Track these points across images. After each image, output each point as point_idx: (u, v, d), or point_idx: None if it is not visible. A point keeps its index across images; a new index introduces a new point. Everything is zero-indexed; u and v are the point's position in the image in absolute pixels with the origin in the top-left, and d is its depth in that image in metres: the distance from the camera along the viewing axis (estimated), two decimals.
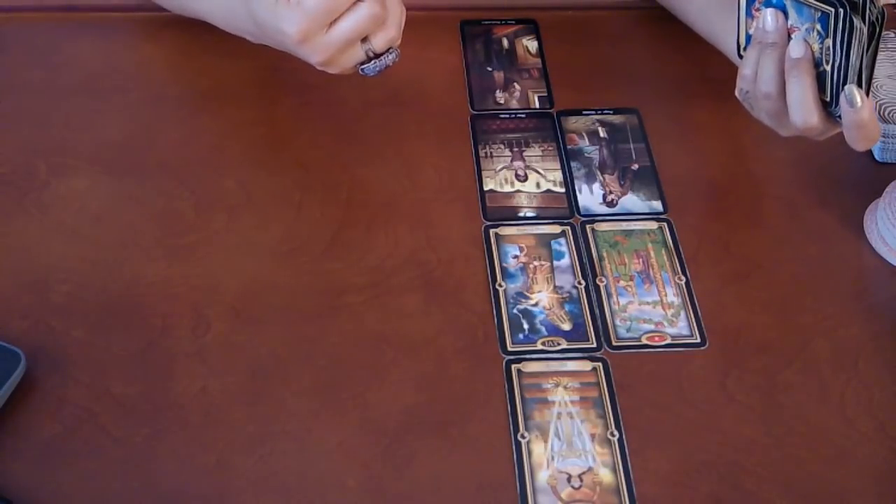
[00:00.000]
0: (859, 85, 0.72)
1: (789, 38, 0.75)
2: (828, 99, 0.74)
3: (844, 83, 0.72)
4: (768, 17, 0.75)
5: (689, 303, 0.78)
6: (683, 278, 0.80)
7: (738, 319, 0.77)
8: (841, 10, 0.70)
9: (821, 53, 0.73)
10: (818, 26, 0.72)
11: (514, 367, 0.74)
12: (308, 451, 0.69)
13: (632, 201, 0.85)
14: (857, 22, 0.70)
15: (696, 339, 0.76)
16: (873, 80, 0.92)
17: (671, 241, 0.82)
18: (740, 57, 0.80)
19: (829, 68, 0.73)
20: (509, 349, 0.75)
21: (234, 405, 0.71)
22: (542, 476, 0.68)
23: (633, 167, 0.88)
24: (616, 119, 0.92)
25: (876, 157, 0.88)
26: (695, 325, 0.77)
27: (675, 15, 0.95)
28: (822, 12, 0.72)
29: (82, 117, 0.90)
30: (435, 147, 0.89)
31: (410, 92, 0.94)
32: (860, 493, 0.68)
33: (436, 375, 0.73)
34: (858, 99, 0.72)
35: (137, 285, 0.78)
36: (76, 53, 0.96)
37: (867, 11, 0.70)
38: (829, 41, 0.72)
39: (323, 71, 0.80)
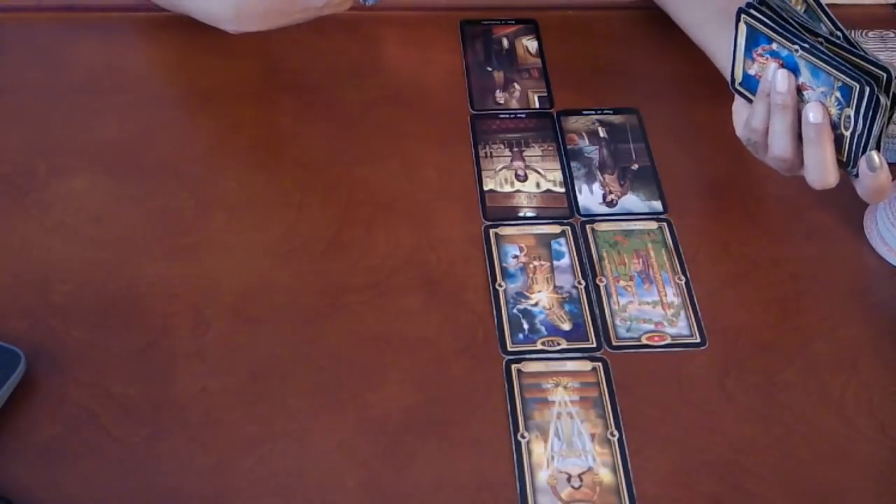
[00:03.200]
0: (875, 146, 0.72)
1: (799, 93, 0.74)
2: (843, 160, 0.74)
3: (864, 150, 0.72)
4: (778, 78, 0.73)
5: (689, 303, 0.78)
6: (683, 278, 0.80)
7: (738, 319, 0.77)
8: (867, 88, 0.69)
9: (838, 118, 0.72)
10: (838, 94, 0.71)
11: (514, 367, 0.74)
12: (308, 451, 0.69)
13: (632, 201, 0.85)
14: (882, 99, 0.69)
15: (696, 339, 0.76)
16: None
17: (671, 241, 0.82)
18: (733, 89, 0.79)
19: (847, 133, 0.72)
20: (509, 349, 0.75)
21: (234, 405, 0.71)
22: (542, 476, 0.68)
23: (633, 167, 0.88)
24: (616, 119, 0.92)
25: None
26: (695, 325, 0.77)
27: (673, 20, 0.95)
28: (844, 84, 0.71)
29: (82, 117, 0.90)
30: (435, 147, 0.89)
31: (410, 92, 0.94)
32: (860, 493, 0.68)
33: (436, 375, 0.73)
34: (878, 163, 0.72)
35: (137, 285, 0.78)
36: (76, 53, 0.96)
37: (892, 86, 0.69)
38: (850, 111, 0.71)
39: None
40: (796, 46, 0.73)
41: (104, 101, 0.91)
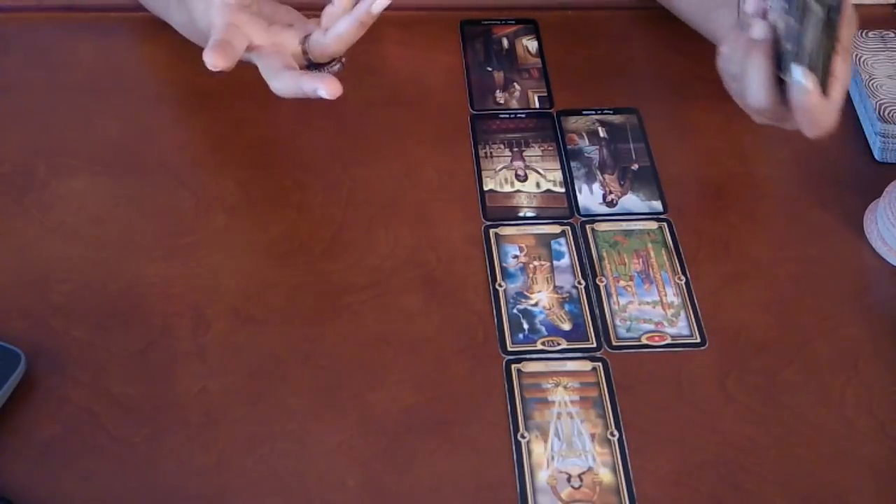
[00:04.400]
0: (819, 74, 0.70)
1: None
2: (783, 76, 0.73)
3: (797, 60, 0.71)
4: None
5: (689, 303, 0.78)
6: (683, 278, 0.80)
7: (738, 319, 0.77)
8: None
9: (786, 31, 0.71)
10: (784, 4, 0.71)
11: (514, 367, 0.74)
12: (308, 451, 0.69)
13: (632, 201, 0.85)
14: (813, 5, 0.68)
15: (696, 339, 0.76)
16: (872, 80, 0.92)
17: (671, 241, 0.82)
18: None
19: (789, 47, 0.71)
20: (509, 349, 0.75)
21: (234, 405, 0.71)
22: (542, 476, 0.68)
23: (633, 167, 0.88)
24: (616, 119, 0.92)
25: (876, 157, 0.88)
26: (695, 325, 0.77)
27: (672, 12, 0.95)
28: None
29: (82, 117, 0.90)
30: (435, 147, 0.89)
31: (410, 92, 0.94)
32: (860, 493, 0.68)
33: (436, 375, 0.73)
34: (803, 79, 0.70)
35: (137, 285, 0.78)
36: (76, 53, 0.96)
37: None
38: (792, 19, 0.70)
39: None
40: None
41: (104, 101, 0.92)
